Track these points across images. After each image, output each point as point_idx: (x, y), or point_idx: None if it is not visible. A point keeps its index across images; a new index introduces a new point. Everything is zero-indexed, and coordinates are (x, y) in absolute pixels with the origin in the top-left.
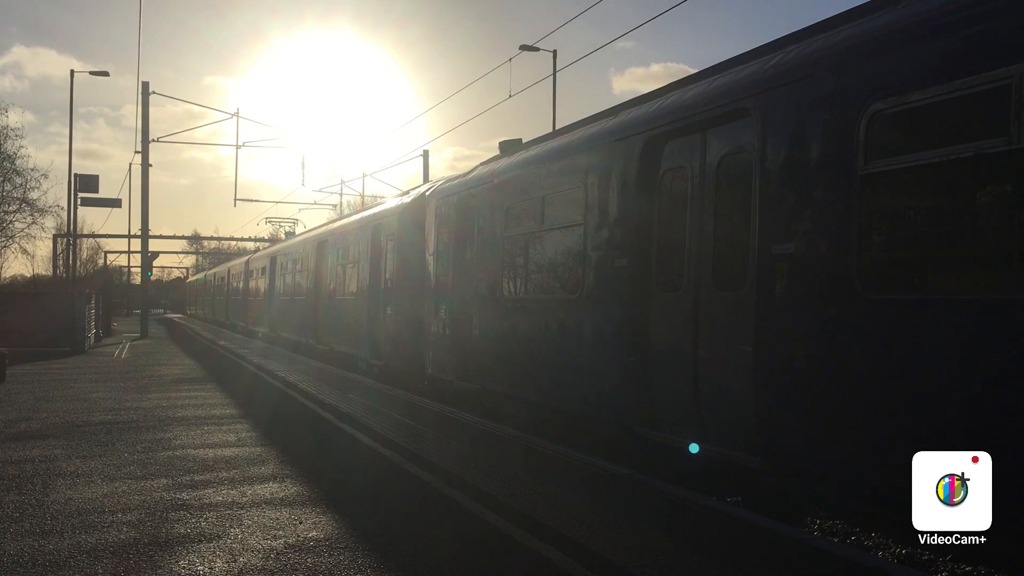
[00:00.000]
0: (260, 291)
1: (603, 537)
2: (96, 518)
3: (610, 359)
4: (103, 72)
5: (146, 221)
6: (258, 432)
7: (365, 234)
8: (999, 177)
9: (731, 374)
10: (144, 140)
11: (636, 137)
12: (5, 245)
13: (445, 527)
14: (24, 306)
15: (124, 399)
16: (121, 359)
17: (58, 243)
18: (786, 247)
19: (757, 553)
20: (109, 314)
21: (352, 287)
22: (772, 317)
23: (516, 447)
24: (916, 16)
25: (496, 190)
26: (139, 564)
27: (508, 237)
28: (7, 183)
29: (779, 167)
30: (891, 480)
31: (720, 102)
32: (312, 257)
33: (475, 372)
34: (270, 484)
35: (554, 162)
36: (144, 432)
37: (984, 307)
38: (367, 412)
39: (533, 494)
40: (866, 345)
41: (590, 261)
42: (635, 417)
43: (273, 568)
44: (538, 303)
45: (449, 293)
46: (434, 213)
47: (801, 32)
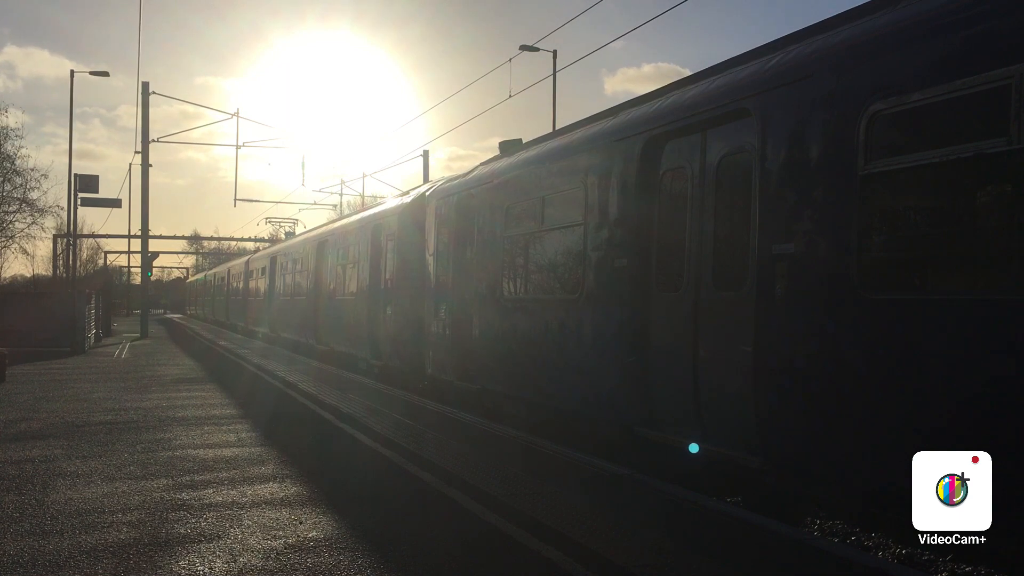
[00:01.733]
0: (260, 291)
1: (603, 537)
2: (96, 518)
3: (610, 359)
4: (103, 72)
5: (146, 221)
6: (258, 432)
7: (365, 234)
8: (999, 177)
9: (731, 374)
10: (144, 140)
11: (636, 137)
12: (5, 245)
13: (445, 527)
14: (24, 306)
15: (124, 399)
16: (121, 359)
17: (58, 243)
18: (786, 247)
19: (757, 553)
20: (109, 314)
21: (352, 287)
22: (772, 317)
23: (516, 447)
24: (916, 16)
25: (496, 190)
26: (139, 564)
27: (508, 237)
28: (7, 183)
29: (779, 167)
30: (891, 480)
31: (720, 102)
32: (312, 257)
33: (475, 372)
34: (270, 484)
35: (554, 162)
36: (144, 432)
37: (984, 307)
38: (367, 412)
39: (533, 494)
40: (866, 345)
41: (590, 261)
42: (635, 417)
43: (273, 568)
44: (538, 303)
45: (449, 293)
46: (434, 213)
47: (801, 32)
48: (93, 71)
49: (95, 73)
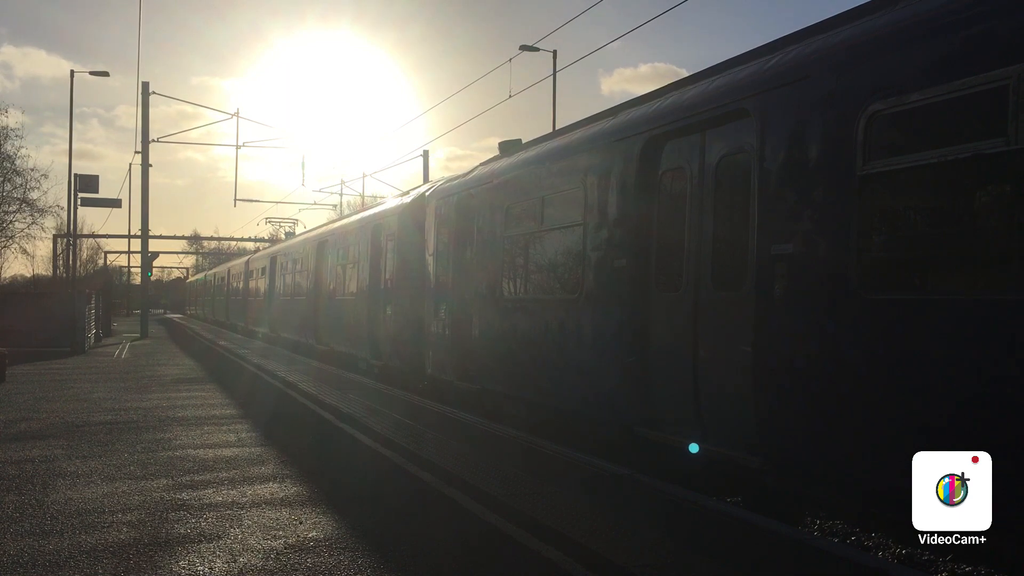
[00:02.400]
0: (260, 291)
1: (603, 537)
2: (96, 518)
3: (610, 359)
4: (103, 72)
5: (146, 221)
6: (258, 432)
7: (365, 234)
8: (997, 178)
9: (731, 374)
10: (144, 140)
11: (636, 137)
12: (5, 245)
13: (445, 527)
14: (24, 306)
15: (124, 399)
16: (121, 359)
17: (58, 243)
18: (785, 247)
19: (757, 553)
20: (109, 314)
21: (352, 287)
22: (771, 317)
23: (516, 447)
24: (914, 16)
25: (496, 190)
26: (139, 564)
27: (508, 237)
28: (7, 183)
29: (778, 167)
30: (891, 480)
31: (720, 102)
32: (312, 257)
33: (475, 372)
34: (270, 484)
35: (554, 162)
36: (144, 432)
37: (983, 307)
38: (367, 412)
39: (533, 494)
40: (865, 345)
41: (590, 261)
42: (635, 417)
43: (273, 568)
44: (538, 303)
45: (449, 293)
46: (434, 213)
47: (800, 32)
48: (93, 71)
49: (95, 73)
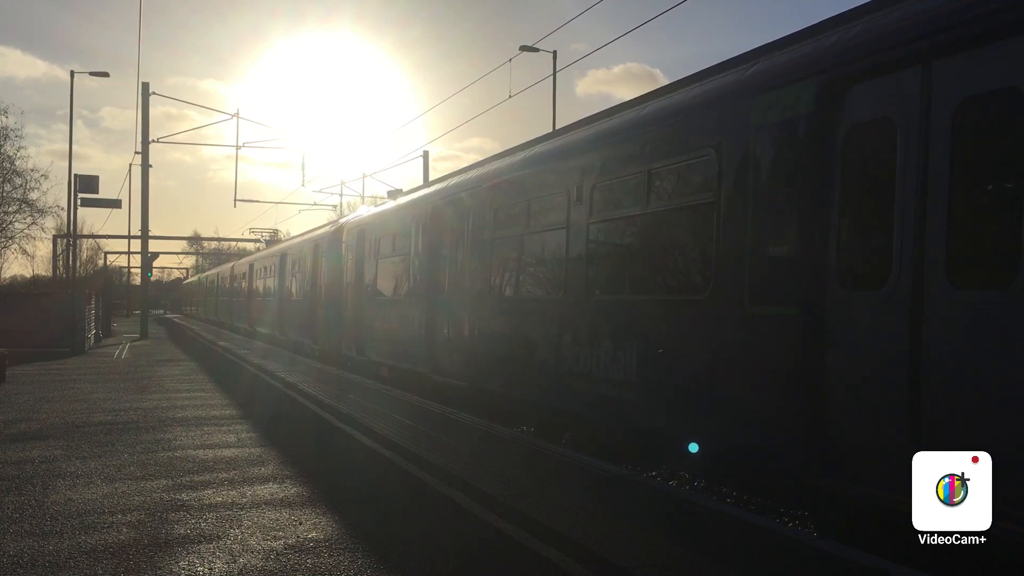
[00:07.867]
0: (242, 292)
1: (603, 537)
2: (96, 519)
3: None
4: (103, 73)
5: (146, 221)
6: (258, 433)
7: (308, 249)
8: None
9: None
10: (144, 141)
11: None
12: (5, 246)
13: (445, 528)
14: (24, 307)
15: (124, 400)
16: (121, 360)
17: (58, 244)
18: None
19: (757, 553)
20: (109, 315)
21: (301, 290)
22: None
23: (516, 448)
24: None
25: (375, 229)
26: (139, 565)
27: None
28: (7, 184)
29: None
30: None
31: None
32: (277, 266)
33: (357, 347)
34: (270, 485)
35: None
36: (144, 433)
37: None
38: (367, 413)
39: (533, 494)
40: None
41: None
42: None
43: (273, 569)
44: (389, 303)
45: (352, 295)
46: (343, 239)
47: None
48: (93, 72)
49: (95, 74)
